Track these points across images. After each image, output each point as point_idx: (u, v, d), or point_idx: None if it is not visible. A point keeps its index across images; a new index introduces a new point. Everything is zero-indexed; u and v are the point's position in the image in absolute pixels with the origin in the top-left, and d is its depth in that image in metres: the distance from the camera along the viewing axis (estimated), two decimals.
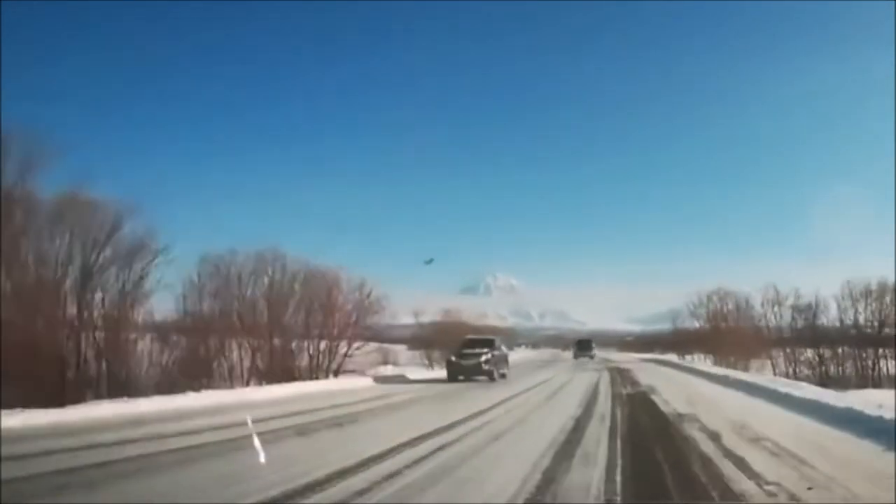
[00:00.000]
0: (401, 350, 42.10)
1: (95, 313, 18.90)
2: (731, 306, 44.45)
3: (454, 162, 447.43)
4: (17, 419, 9.99)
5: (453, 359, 24.19)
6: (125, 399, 13.21)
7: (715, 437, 9.24)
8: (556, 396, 17.24)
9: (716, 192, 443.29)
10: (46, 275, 16.88)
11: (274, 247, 26.20)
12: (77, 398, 14.01)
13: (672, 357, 54.44)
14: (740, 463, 7.17)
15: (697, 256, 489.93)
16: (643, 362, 46.09)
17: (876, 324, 35.64)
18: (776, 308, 40.22)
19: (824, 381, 30.22)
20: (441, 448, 8.09)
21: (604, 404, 14.67)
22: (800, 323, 39.19)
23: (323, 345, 26.85)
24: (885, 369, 34.59)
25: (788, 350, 38.77)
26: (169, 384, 19.03)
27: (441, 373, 25.45)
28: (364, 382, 22.28)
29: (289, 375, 23.62)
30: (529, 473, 6.47)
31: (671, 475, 6.61)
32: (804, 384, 21.13)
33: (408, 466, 6.82)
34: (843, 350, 36.18)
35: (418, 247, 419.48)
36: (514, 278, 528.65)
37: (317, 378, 24.80)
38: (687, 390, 19.14)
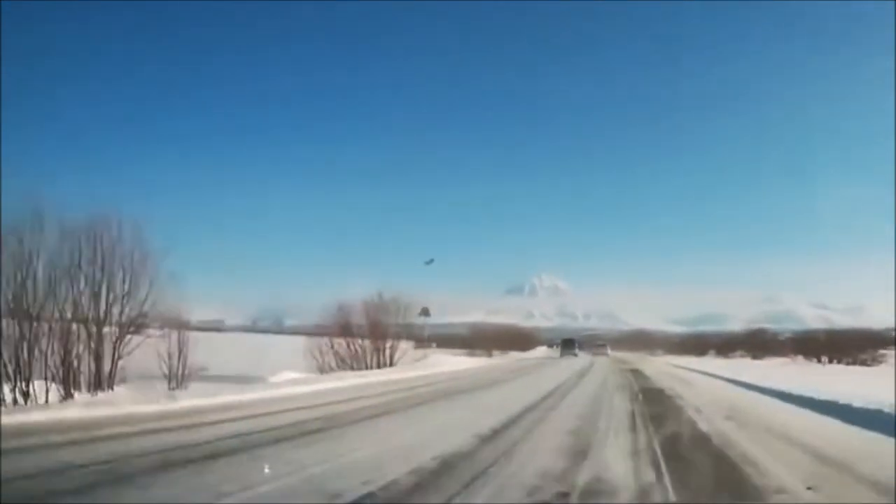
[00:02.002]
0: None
1: None
2: None
3: (499, 164, 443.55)
4: None
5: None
6: None
7: None
8: None
9: (757, 195, 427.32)
10: None
11: None
12: None
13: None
14: None
15: (738, 259, 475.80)
16: None
17: None
18: None
19: None
20: None
21: None
22: None
23: None
24: None
25: None
26: None
27: None
28: None
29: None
30: None
31: None
32: None
33: None
34: None
35: (463, 248, 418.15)
36: (559, 279, 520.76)
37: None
38: None
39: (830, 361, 59.46)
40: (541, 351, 79.41)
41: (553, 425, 10.46)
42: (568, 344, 65.21)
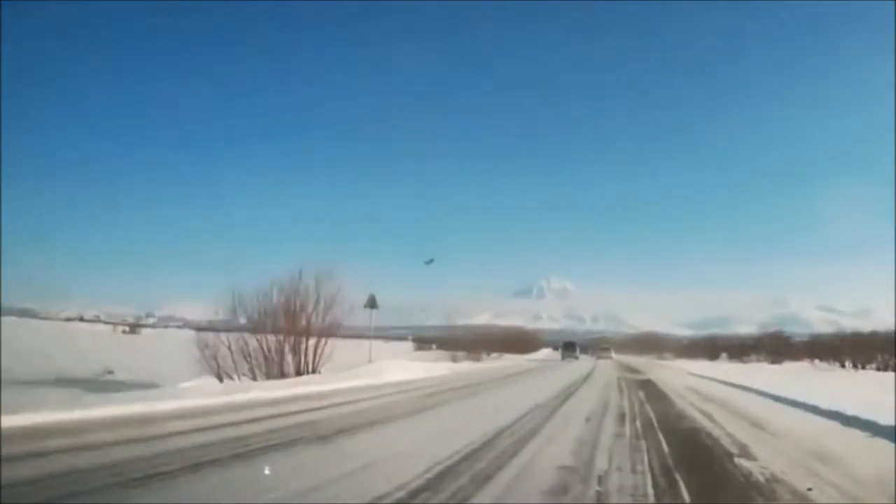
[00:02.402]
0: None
1: None
2: None
3: (507, 167, 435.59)
4: None
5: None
6: None
7: None
8: None
9: (762, 198, 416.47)
10: None
11: None
12: None
13: None
14: None
15: (745, 262, 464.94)
16: None
17: None
18: None
19: None
20: None
21: None
22: None
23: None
24: None
25: None
26: None
27: None
28: None
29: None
30: None
31: None
32: None
33: None
34: None
35: (472, 250, 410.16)
36: (567, 281, 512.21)
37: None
38: None
39: (855, 366, 52.84)
40: (543, 353, 74.22)
41: None
42: (569, 347, 63.30)
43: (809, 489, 5.63)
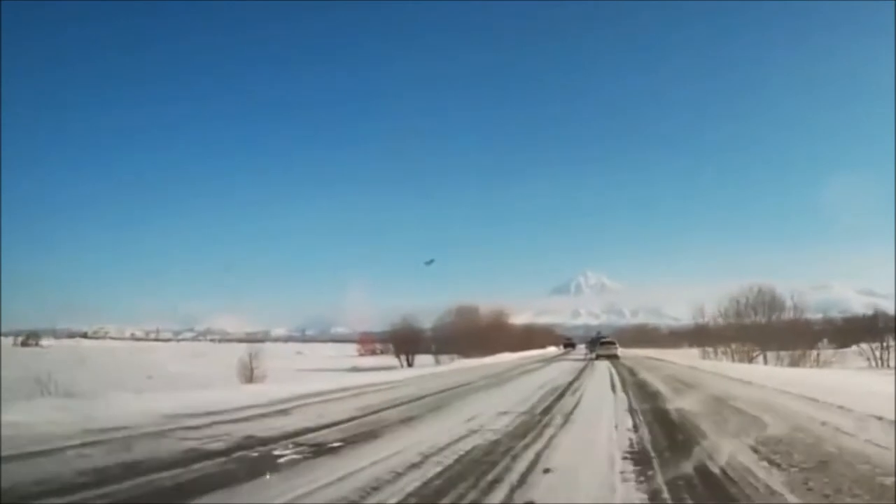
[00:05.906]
0: None
1: None
2: None
3: (541, 162, 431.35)
4: None
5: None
6: None
7: None
8: None
9: (809, 189, 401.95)
10: None
11: None
12: None
13: None
14: None
15: (791, 250, 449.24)
16: None
17: None
18: None
19: None
20: None
21: None
22: None
23: None
24: None
25: None
26: None
27: None
28: None
29: None
30: None
31: None
32: None
33: None
34: None
35: (506, 249, 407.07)
36: (605, 276, 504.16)
37: None
38: None
39: None
40: (538, 353, 63.93)
41: None
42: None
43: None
